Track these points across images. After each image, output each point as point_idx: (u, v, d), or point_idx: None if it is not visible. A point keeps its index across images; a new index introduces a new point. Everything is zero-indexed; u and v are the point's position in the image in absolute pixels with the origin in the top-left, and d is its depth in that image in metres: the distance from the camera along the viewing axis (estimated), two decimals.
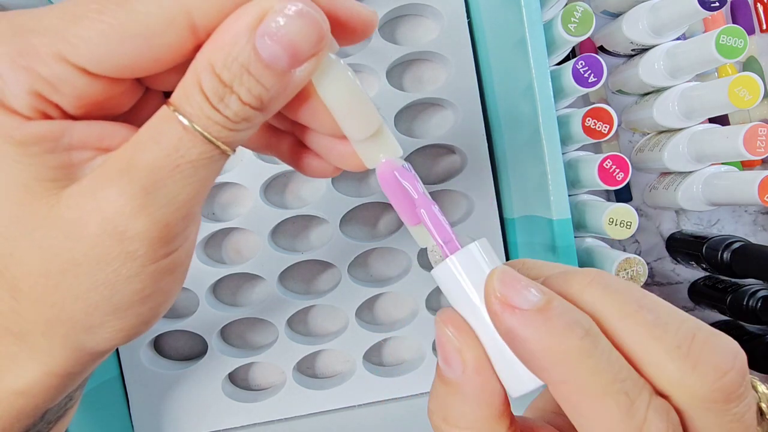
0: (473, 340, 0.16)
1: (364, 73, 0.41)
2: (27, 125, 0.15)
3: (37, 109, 0.15)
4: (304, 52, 0.15)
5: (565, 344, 0.14)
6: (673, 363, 0.14)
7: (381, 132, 0.18)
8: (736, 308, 0.39)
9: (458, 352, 0.16)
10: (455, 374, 0.16)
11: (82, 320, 0.16)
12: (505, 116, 0.37)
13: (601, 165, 0.33)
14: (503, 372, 0.16)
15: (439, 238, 0.17)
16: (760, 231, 0.46)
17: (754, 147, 0.33)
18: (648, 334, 0.14)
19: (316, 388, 0.41)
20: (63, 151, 0.15)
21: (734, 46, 0.32)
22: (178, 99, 0.16)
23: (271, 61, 0.15)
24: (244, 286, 0.42)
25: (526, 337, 0.14)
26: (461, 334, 0.16)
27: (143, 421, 0.40)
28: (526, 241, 0.38)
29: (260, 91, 0.15)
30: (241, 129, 0.16)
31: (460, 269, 0.16)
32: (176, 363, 0.41)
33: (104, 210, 0.15)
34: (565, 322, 0.14)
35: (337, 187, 0.40)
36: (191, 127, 0.15)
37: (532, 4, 0.30)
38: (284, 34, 0.15)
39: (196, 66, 0.15)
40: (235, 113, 0.15)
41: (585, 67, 0.32)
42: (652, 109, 0.39)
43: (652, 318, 0.14)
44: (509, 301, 0.15)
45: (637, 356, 0.14)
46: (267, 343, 0.42)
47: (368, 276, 0.43)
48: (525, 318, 0.14)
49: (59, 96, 0.15)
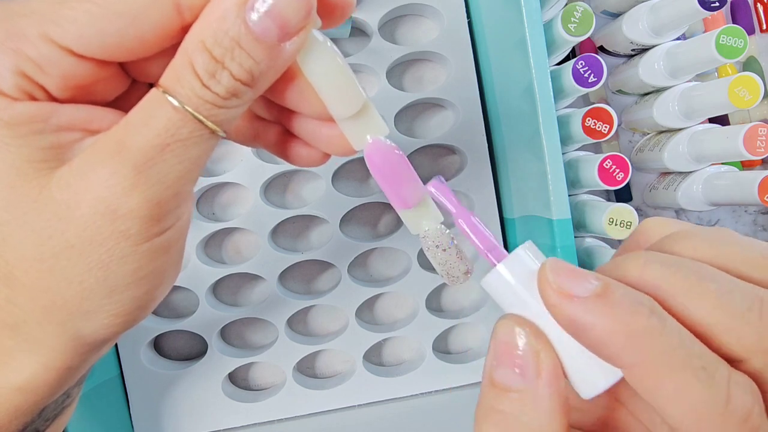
0: (549, 343, 0.15)
1: (364, 73, 0.41)
2: (15, 105, 0.15)
3: (24, 90, 0.15)
4: (293, 25, 0.15)
5: (632, 325, 0.13)
6: (748, 325, 0.13)
7: (367, 110, 0.18)
8: None
9: (536, 354, 0.15)
10: (527, 381, 0.15)
11: (78, 305, 0.16)
12: (505, 116, 0.37)
13: (601, 165, 0.33)
14: (573, 376, 0.15)
15: (483, 247, 0.17)
16: (760, 231, 0.46)
17: (754, 147, 0.33)
18: (716, 302, 0.14)
19: (316, 388, 0.41)
20: (52, 132, 0.15)
21: (734, 46, 0.32)
22: (168, 80, 0.16)
23: (261, 34, 0.15)
24: (244, 286, 0.42)
25: (591, 324, 0.14)
26: (539, 336, 0.15)
27: (143, 421, 0.40)
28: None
29: (251, 65, 0.16)
30: (231, 106, 0.16)
31: (509, 275, 0.16)
32: (176, 363, 0.41)
33: (96, 189, 0.15)
34: (628, 303, 0.13)
35: (337, 187, 0.40)
36: (182, 108, 0.15)
37: (532, 4, 0.30)
38: (274, 7, 0.15)
39: (186, 46, 0.15)
40: (226, 89, 0.16)
41: (585, 67, 0.32)
42: (652, 109, 0.39)
43: (715, 287, 0.14)
44: (567, 291, 0.14)
45: (707, 328, 0.14)
46: (267, 343, 0.42)
47: (368, 276, 0.43)
48: (586, 305, 0.14)
49: (46, 77, 0.15)
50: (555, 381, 0.15)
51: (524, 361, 0.15)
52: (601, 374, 0.15)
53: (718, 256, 0.15)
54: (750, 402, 0.13)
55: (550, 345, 0.15)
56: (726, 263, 0.15)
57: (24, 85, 0.15)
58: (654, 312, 0.13)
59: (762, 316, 0.13)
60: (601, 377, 0.15)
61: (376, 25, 0.38)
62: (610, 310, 0.13)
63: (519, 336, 0.15)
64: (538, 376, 0.15)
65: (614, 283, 0.14)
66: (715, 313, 0.14)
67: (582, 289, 0.14)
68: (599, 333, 0.14)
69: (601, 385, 0.15)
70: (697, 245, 0.15)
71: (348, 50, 0.40)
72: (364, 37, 0.40)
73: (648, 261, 0.15)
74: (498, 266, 0.16)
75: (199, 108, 0.16)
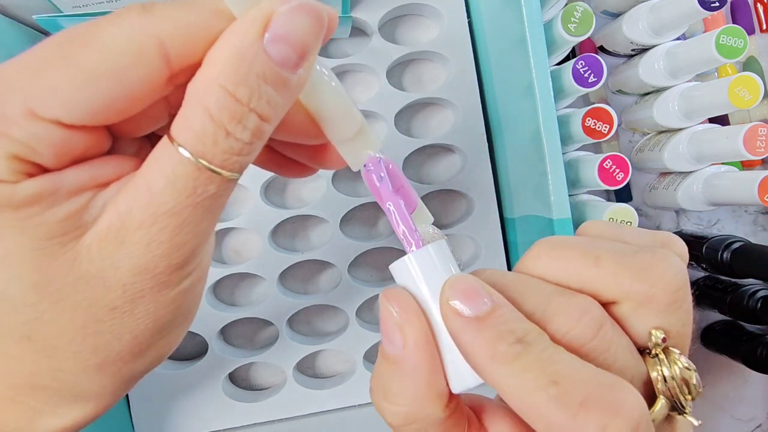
0: (417, 319, 0.16)
1: (364, 73, 0.41)
2: (17, 188, 0.14)
3: (20, 171, 0.14)
4: (309, 47, 0.15)
5: (493, 350, 0.15)
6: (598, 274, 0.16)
7: (362, 129, 0.18)
8: (736, 308, 0.39)
9: (399, 328, 0.16)
10: (395, 350, 0.16)
11: (130, 352, 0.16)
12: (505, 116, 0.37)
13: (601, 165, 0.33)
14: (450, 365, 0.16)
15: (402, 234, 0.18)
16: (760, 231, 0.46)
17: (754, 147, 0.33)
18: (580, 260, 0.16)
19: (316, 388, 0.41)
20: (63, 203, 0.15)
21: (734, 46, 0.32)
22: (183, 134, 0.14)
23: (282, 63, 0.15)
24: (244, 286, 0.42)
25: (463, 341, 0.15)
26: (405, 311, 0.16)
27: (143, 421, 0.40)
28: (526, 241, 0.38)
29: (278, 100, 0.15)
30: (254, 150, 0.16)
31: (417, 268, 0.17)
32: (176, 363, 0.41)
33: (134, 259, 0.15)
34: (499, 329, 0.15)
35: (337, 187, 0.40)
36: (202, 165, 0.14)
37: (532, 4, 0.30)
38: (292, 32, 0.14)
39: (198, 93, 0.14)
40: (252, 133, 0.15)
41: (585, 67, 0.32)
42: (652, 109, 0.39)
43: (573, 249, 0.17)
44: (454, 307, 0.16)
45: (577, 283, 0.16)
46: (267, 343, 0.42)
47: (368, 276, 0.43)
48: (465, 324, 0.15)
49: (38, 155, 0.14)
50: (416, 353, 0.16)
51: (391, 332, 0.16)
52: (470, 374, 0.16)
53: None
54: (603, 423, 0.13)
55: (417, 321, 0.16)
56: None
57: (18, 167, 0.14)
58: (520, 340, 0.15)
59: (600, 264, 0.16)
60: (469, 376, 0.16)
61: (376, 25, 0.38)
62: (479, 333, 0.15)
63: (387, 309, 0.16)
64: (402, 347, 0.16)
65: (503, 309, 0.15)
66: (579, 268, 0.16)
67: (470, 308, 0.15)
68: (467, 350, 0.15)
69: (468, 382, 0.16)
70: (594, 226, 0.19)
71: (348, 50, 0.40)
72: (364, 37, 0.40)
73: (541, 247, 0.17)
74: (406, 257, 0.17)
75: (225, 164, 0.15)
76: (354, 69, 0.40)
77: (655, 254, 0.16)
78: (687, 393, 0.16)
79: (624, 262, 0.16)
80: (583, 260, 0.16)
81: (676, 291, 0.16)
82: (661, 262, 0.16)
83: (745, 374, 0.46)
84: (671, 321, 0.16)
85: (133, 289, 0.15)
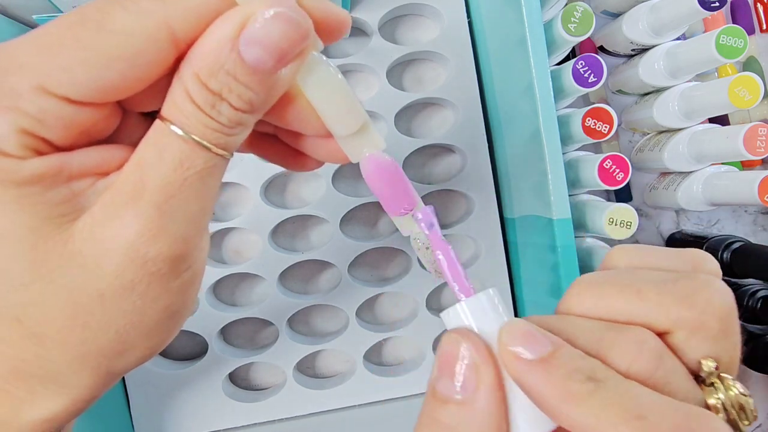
0: (491, 361, 0.16)
1: (364, 73, 0.41)
2: (24, 165, 0.14)
3: (29, 147, 0.14)
4: (288, 53, 0.15)
5: (565, 389, 0.14)
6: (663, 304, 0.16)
7: (366, 126, 0.18)
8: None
9: (476, 368, 0.15)
10: (466, 393, 0.15)
11: (113, 348, 0.16)
12: (505, 116, 0.37)
13: (601, 165, 0.33)
14: (514, 419, 0.16)
15: (454, 283, 0.18)
16: (760, 231, 0.46)
17: (754, 147, 0.33)
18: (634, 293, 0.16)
19: (316, 388, 0.41)
20: (64, 185, 0.15)
21: (734, 46, 0.32)
22: (171, 112, 0.15)
23: (256, 65, 0.15)
24: (244, 286, 0.42)
25: (531, 385, 0.15)
26: (480, 351, 0.16)
27: (143, 421, 0.40)
28: (526, 241, 0.38)
29: (250, 96, 0.15)
30: (236, 133, 0.16)
31: (470, 315, 0.17)
32: (176, 363, 0.41)
33: (122, 236, 0.15)
34: (567, 368, 0.15)
35: (337, 187, 0.40)
36: (190, 138, 0.15)
37: (532, 4, 0.30)
38: (266, 38, 0.15)
39: (182, 77, 0.15)
40: (228, 119, 0.15)
41: (585, 67, 0.32)
42: (652, 109, 0.39)
43: (627, 282, 0.16)
44: (515, 352, 0.15)
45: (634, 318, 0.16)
46: (267, 343, 0.42)
47: (368, 276, 0.43)
48: (529, 367, 0.15)
49: (47, 130, 0.15)
50: (492, 395, 0.15)
51: (464, 373, 0.15)
52: (536, 421, 0.16)
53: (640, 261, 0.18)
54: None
55: (490, 359, 0.16)
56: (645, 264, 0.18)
57: (28, 142, 0.14)
58: (591, 378, 0.14)
59: (661, 292, 0.16)
60: (537, 423, 0.16)
61: (376, 25, 0.38)
62: (548, 374, 0.15)
63: (461, 349, 0.16)
64: (476, 389, 0.15)
65: (565, 348, 0.15)
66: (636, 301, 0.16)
67: (531, 352, 0.15)
68: (537, 393, 0.15)
69: (535, 430, 0.16)
70: (623, 255, 0.18)
71: (348, 50, 0.40)
72: (364, 37, 0.40)
73: (581, 286, 0.17)
74: (459, 304, 0.17)
75: (206, 136, 0.15)
76: (354, 69, 0.40)
77: (697, 280, 0.16)
78: (745, 418, 0.16)
79: (668, 291, 0.16)
80: (626, 295, 0.16)
81: (727, 317, 0.15)
82: (706, 287, 0.16)
83: (745, 374, 0.46)
84: (724, 347, 0.16)
85: (124, 278, 0.15)
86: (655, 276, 0.16)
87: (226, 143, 0.16)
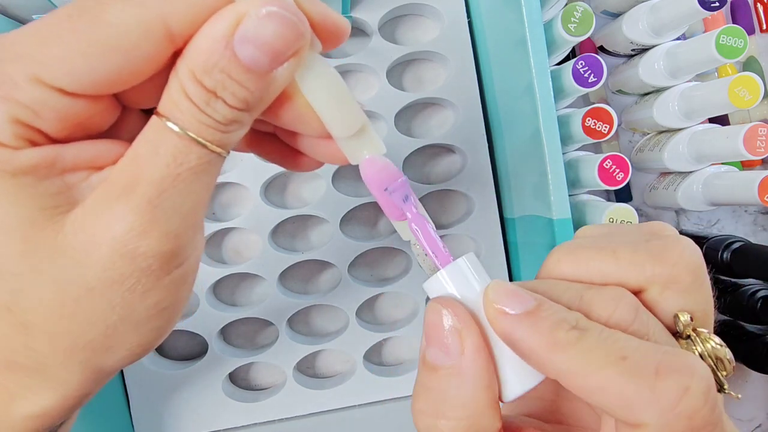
0: (474, 324, 0.16)
1: (364, 73, 0.41)
2: (18, 155, 0.14)
3: (23, 137, 0.15)
4: (283, 53, 0.15)
5: (552, 338, 0.15)
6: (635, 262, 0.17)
7: (365, 129, 0.18)
8: (736, 308, 0.39)
9: (458, 333, 0.16)
10: (452, 358, 0.16)
11: (102, 343, 0.16)
12: (505, 116, 0.37)
13: (601, 165, 0.33)
14: (500, 373, 0.16)
15: (433, 253, 0.18)
16: (760, 231, 0.46)
17: (754, 147, 0.33)
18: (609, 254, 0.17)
19: (316, 388, 0.41)
20: (58, 176, 0.15)
21: (734, 46, 0.32)
22: (167, 108, 0.15)
23: (251, 64, 0.15)
24: (244, 286, 0.42)
25: (519, 337, 0.16)
26: (461, 316, 0.16)
27: (143, 421, 0.40)
28: (526, 241, 0.38)
29: (245, 94, 0.15)
30: (232, 130, 0.16)
31: (450, 282, 0.17)
32: (176, 363, 0.41)
33: (113, 229, 0.15)
34: (552, 319, 0.15)
35: (337, 187, 0.40)
36: (185, 134, 0.15)
37: (532, 4, 0.30)
38: (261, 37, 0.15)
39: (179, 73, 0.15)
40: (223, 116, 0.15)
41: (585, 67, 0.32)
42: (652, 109, 0.39)
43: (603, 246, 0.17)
44: (501, 308, 0.16)
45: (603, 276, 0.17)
46: (267, 343, 0.42)
47: (368, 276, 0.43)
48: (516, 320, 0.16)
49: (41, 121, 0.15)
50: (477, 358, 0.16)
51: (448, 340, 0.16)
52: (523, 376, 0.16)
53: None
54: (685, 384, 0.14)
55: (472, 324, 0.16)
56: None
57: (22, 132, 0.14)
58: (576, 327, 0.15)
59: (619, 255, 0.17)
60: (523, 379, 0.16)
61: (376, 25, 0.38)
62: (534, 326, 0.15)
63: (444, 317, 0.16)
64: (461, 353, 0.16)
65: (547, 303, 0.16)
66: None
67: (516, 307, 0.16)
68: (524, 346, 0.15)
69: (523, 385, 0.16)
70: (593, 229, 0.20)
71: (348, 50, 0.40)
72: (364, 37, 0.40)
73: (560, 252, 0.18)
74: (440, 272, 0.17)
75: (202, 132, 0.15)
76: (354, 69, 0.40)
77: (667, 239, 0.17)
78: (723, 369, 0.16)
79: (641, 250, 0.17)
80: (602, 256, 0.17)
81: (697, 269, 0.17)
82: (676, 244, 0.17)
83: (745, 374, 0.46)
84: (696, 300, 0.17)
85: (113, 271, 0.15)
86: (628, 239, 0.18)
87: (221, 140, 0.16)
